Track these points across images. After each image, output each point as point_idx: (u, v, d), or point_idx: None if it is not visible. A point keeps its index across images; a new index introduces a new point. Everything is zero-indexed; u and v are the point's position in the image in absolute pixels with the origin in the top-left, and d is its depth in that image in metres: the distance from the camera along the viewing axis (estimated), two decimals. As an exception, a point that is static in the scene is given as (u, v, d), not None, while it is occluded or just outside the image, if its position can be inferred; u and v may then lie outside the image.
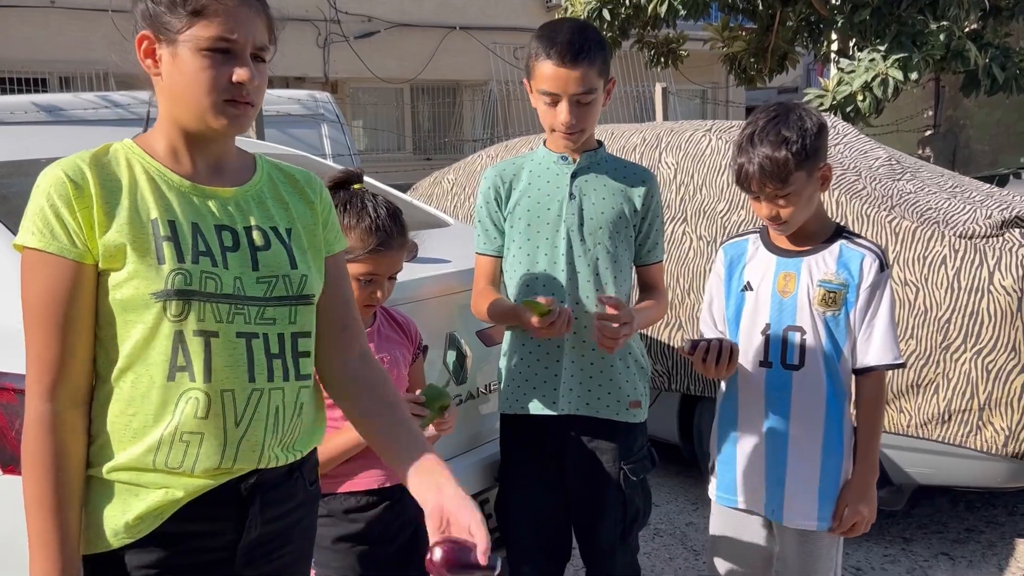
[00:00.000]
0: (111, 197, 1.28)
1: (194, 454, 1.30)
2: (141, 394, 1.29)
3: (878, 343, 2.02)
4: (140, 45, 1.32)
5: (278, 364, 1.36)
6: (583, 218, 2.14)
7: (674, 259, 3.55)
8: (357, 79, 12.67)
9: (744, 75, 9.37)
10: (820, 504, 2.06)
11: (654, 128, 3.94)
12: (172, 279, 1.27)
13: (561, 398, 2.16)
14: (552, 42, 2.00)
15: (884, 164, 3.54)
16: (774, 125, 1.95)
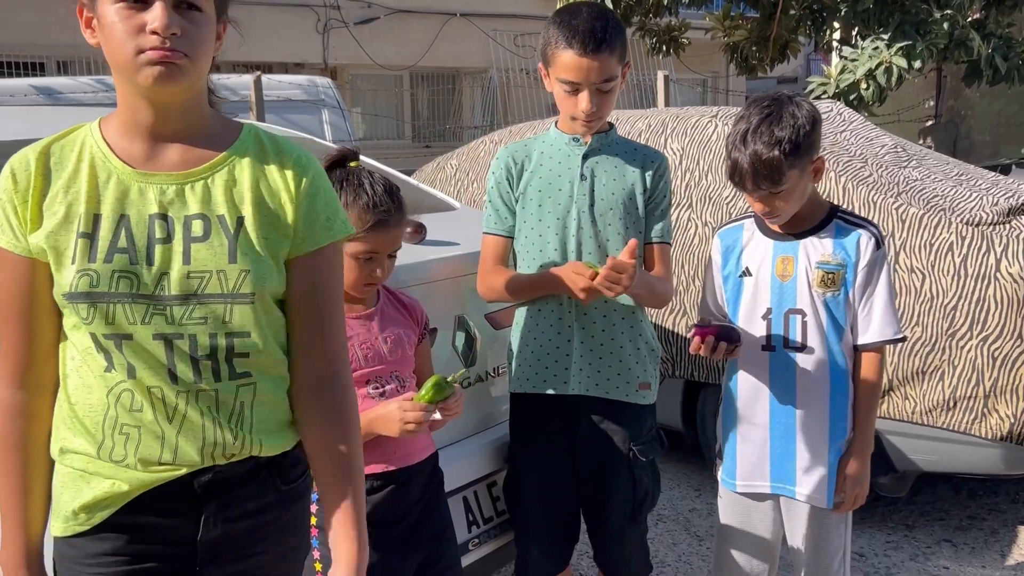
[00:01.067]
0: (48, 190, 1.25)
1: (133, 447, 1.26)
2: (85, 384, 1.26)
3: (878, 319, 2.05)
4: (81, 15, 1.26)
5: (207, 365, 1.27)
6: (594, 198, 2.13)
7: (679, 245, 3.55)
8: (356, 65, 12.63)
9: (745, 64, 9.35)
10: (830, 481, 2.08)
11: (660, 114, 3.93)
12: (77, 281, 1.22)
13: (572, 378, 2.16)
14: (573, 30, 1.99)
15: (890, 151, 3.53)
16: (767, 125, 1.94)
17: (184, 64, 1.20)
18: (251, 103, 6.31)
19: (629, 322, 2.18)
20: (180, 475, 1.28)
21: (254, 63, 10.88)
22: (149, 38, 1.18)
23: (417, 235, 2.33)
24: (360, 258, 1.81)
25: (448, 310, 2.31)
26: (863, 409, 2.09)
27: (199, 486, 1.29)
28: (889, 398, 3.04)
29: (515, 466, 2.30)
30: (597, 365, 2.17)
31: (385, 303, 1.94)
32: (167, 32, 1.18)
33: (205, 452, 1.28)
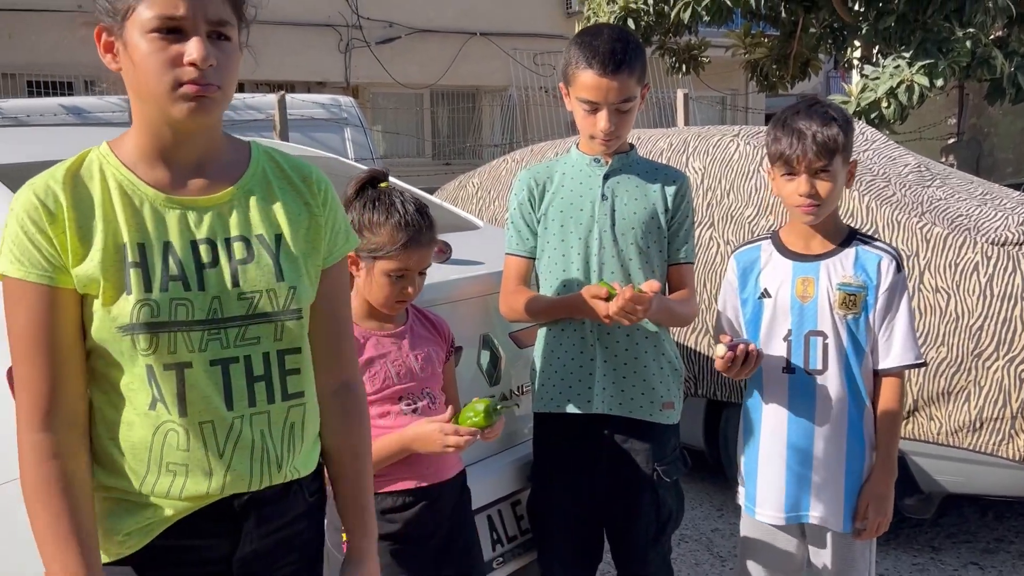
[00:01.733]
0: (85, 221, 1.21)
1: (180, 484, 1.25)
2: (126, 422, 1.24)
3: (899, 343, 2.04)
4: (99, 39, 1.24)
5: (261, 387, 1.28)
6: (615, 218, 2.15)
7: (701, 264, 3.55)
8: (378, 84, 12.74)
9: (766, 81, 9.37)
10: (847, 505, 2.07)
11: (681, 133, 3.94)
12: (138, 312, 1.19)
13: (595, 397, 2.17)
14: (594, 51, 2.02)
15: (913, 170, 3.52)
16: (820, 107, 2.00)
17: (217, 96, 1.22)
18: (275, 122, 6.38)
19: (652, 341, 2.19)
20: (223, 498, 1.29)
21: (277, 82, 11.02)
22: (187, 70, 1.18)
23: (442, 254, 2.35)
24: (392, 275, 1.83)
25: (473, 329, 2.32)
26: (885, 435, 2.08)
27: (238, 506, 1.30)
28: (914, 419, 3.02)
29: (539, 485, 2.30)
30: (620, 384, 2.17)
31: (414, 321, 1.96)
32: (206, 64, 1.18)
33: (252, 483, 1.29)
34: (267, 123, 6.60)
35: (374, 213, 1.84)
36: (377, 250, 1.82)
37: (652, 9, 8.23)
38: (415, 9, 12.72)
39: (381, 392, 1.86)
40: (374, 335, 1.88)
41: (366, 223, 1.84)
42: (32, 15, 10.16)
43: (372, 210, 1.84)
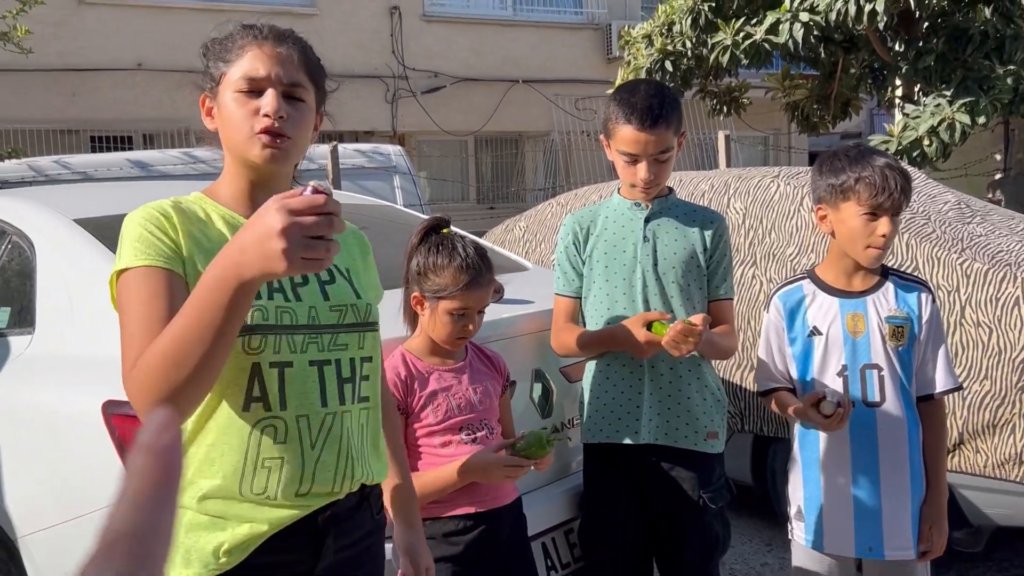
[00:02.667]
0: (192, 236, 1.36)
1: (276, 479, 1.36)
2: (219, 425, 1.35)
3: (942, 370, 2.13)
4: (203, 106, 1.46)
5: (348, 388, 1.44)
6: (657, 258, 2.26)
7: (745, 302, 3.63)
8: (423, 132, 13.04)
9: (807, 122, 9.43)
10: (914, 532, 2.13)
11: (722, 175, 4.05)
12: (251, 315, 1.32)
13: (642, 427, 2.26)
14: (632, 108, 2.15)
15: (953, 207, 3.58)
16: (878, 152, 2.09)
17: (287, 145, 1.40)
18: (327, 171, 6.62)
19: (695, 373, 2.28)
20: (309, 513, 1.40)
21: (327, 132, 11.34)
22: (262, 120, 1.37)
23: (496, 295, 2.48)
24: (454, 314, 1.96)
25: (525, 364, 2.44)
26: (935, 458, 2.14)
27: (321, 520, 1.42)
28: (960, 452, 3.05)
29: (589, 514, 2.39)
30: (666, 415, 2.26)
31: (473, 357, 2.09)
32: (276, 115, 1.37)
33: (337, 479, 1.42)
34: (319, 173, 6.84)
35: (438, 257, 1.98)
36: (441, 291, 1.96)
37: (691, 53, 8.38)
38: (458, 59, 13.05)
39: (443, 423, 1.98)
40: (437, 370, 2.01)
41: (430, 266, 1.98)
42: (93, 74, 10.65)
43: (436, 254, 1.98)
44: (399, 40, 12.57)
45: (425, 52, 12.77)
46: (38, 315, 2.26)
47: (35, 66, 9.29)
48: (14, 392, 2.21)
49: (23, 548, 2.11)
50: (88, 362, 2.04)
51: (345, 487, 1.44)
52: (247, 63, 1.39)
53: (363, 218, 3.30)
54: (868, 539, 2.13)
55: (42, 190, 3.36)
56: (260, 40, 1.42)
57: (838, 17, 6.75)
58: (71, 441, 2.02)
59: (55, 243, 2.34)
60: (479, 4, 13.47)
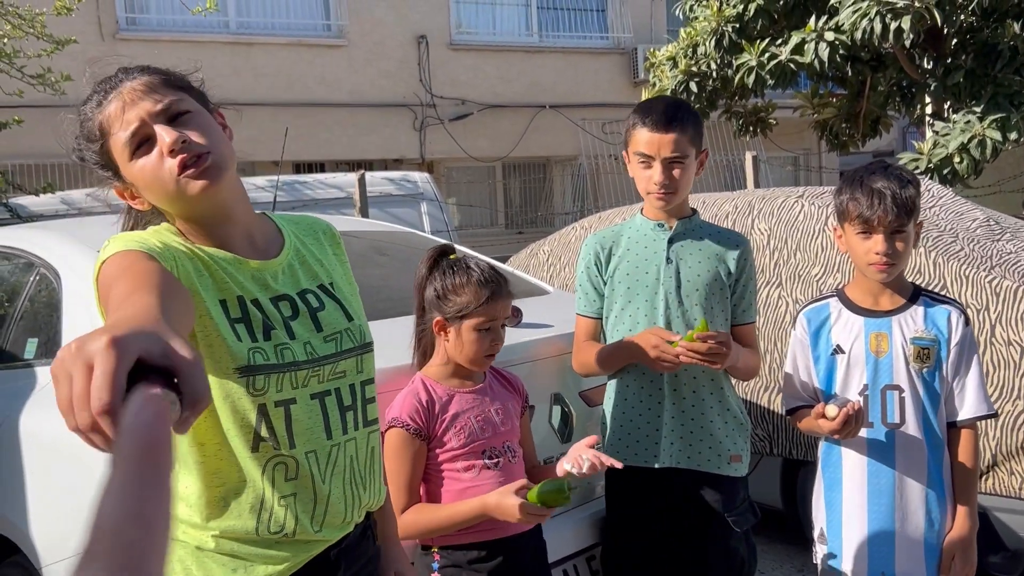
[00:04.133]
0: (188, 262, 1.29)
1: (292, 516, 1.34)
2: (227, 466, 1.32)
3: (972, 395, 2.08)
4: (123, 196, 1.36)
5: (350, 416, 1.42)
6: (680, 280, 2.25)
7: (771, 322, 3.60)
8: (451, 159, 13.14)
9: (836, 141, 9.36)
10: (927, 558, 2.07)
11: (746, 196, 4.03)
12: (252, 356, 1.29)
13: (663, 452, 2.24)
14: (648, 111, 2.19)
15: (982, 225, 3.53)
16: (894, 170, 2.06)
17: (212, 160, 1.28)
18: (355, 199, 6.68)
19: (717, 396, 2.26)
20: (324, 549, 1.39)
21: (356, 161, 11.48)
22: (169, 160, 1.27)
23: (514, 318, 2.48)
24: (481, 329, 1.97)
25: (545, 388, 2.44)
26: (964, 484, 2.10)
27: (334, 555, 1.42)
28: (994, 473, 2.98)
29: (612, 540, 2.36)
30: (688, 439, 2.24)
31: (491, 379, 2.09)
32: (178, 143, 1.26)
33: (347, 510, 1.42)
34: (347, 200, 6.91)
35: (454, 278, 1.99)
36: (464, 308, 1.96)
37: (716, 74, 8.37)
38: (485, 86, 13.16)
39: (466, 447, 1.98)
40: (458, 392, 2.02)
41: (449, 288, 1.99)
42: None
43: (452, 276, 2.00)
44: (426, 68, 12.71)
45: (452, 80, 12.90)
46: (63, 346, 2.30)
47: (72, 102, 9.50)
48: (40, 422, 2.24)
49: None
50: (111, 391, 2.07)
51: (355, 517, 1.45)
52: (117, 121, 1.28)
53: (388, 245, 3.33)
54: (881, 563, 2.10)
55: (69, 222, 3.43)
56: (112, 90, 1.31)
57: (864, 36, 6.70)
58: (95, 471, 2.04)
59: (80, 275, 2.38)
60: (505, 31, 13.59)
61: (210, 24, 11.32)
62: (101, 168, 1.33)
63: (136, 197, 1.35)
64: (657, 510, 2.27)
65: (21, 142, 7.62)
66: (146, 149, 1.29)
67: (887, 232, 2.02)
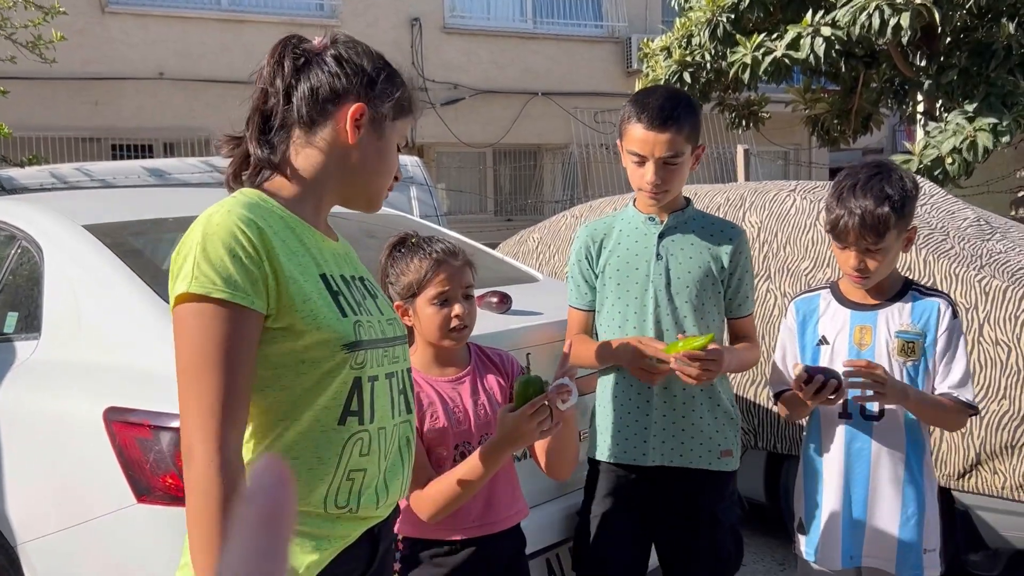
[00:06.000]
0: (282, 247, 1.30)
1: (358, 491, 1.37)
2: (312, 439, 1.32)
3: (957, 377, 2.07)
4: (354, 113, 1.37)
5: (402, 399, 1.47)
6: (670, 278, 2.20)
7: (759, 317, 3.59)
8: (442, 144, 13.07)
9: (827, 136, 9.36)
10: (901, 549, 2.08)
11: (738, 188, 4.01)
12: (356, 330, 1.34)
13: (651, 450, 2.21)
14: (643, 106, 2.11)
15: (972, 224, 3.53)
16: (878, 181, 2.02)
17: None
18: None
19: (707, 393, 2.23)
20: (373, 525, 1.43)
21: (346, 142, 11.37)
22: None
23: (503, 305, 2.46)
24: (434, 303, 1.92)
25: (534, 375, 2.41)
26: (928, 398, 2.06)
27: (376, 529, 1.45)
28: (978, 472, 2.99)
29: (586, 531, 2.29)
30: (679, 436, 2.21)
31: (476, 363, 2.04)
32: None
33: (403, 486, 1.47)
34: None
35: (402, 259, 1.96)
36: (411, 286, 1.93)
37: (710, 65, 8.33)
38: (478, 71, 13.08)
39: (439, 438, 1.92)
40: (434, 380, 1.97)
41: (398, 272, 1.96)
42: (116, 83, 10.75)
43: (400, 257, 1.97)
44: (419, 52, 12.62)
45: (445, 64, 12.82)
46: (44, 321, 2.26)
47: (59, 75, 9.39)
48: (18, 397, 2.21)
49: (23, 555, 2.10)
50: (92, 368, 2.04)
51: (403, 494, 1.51)
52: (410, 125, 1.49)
53: (377, 228, 3.29)
54: (850, 549, 2.13)
55: (53, 196, 3.38)
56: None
57: (861, 31, 6.68)
58: (72, 448, 2.01)
59: (63, 249, 2.34)
60: (499, 16, 13.51)
61: (202, 0, 11.21)
62: (378, 103, 1.41)
63: (358, 127, 1.40)
64: (641, 505, 2.25)
65: (7, 114, 7.52)
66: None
67: (859, 249, 2.02)
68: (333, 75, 1.38)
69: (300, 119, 1.39)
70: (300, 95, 1.38)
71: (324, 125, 1.39)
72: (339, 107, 1.39)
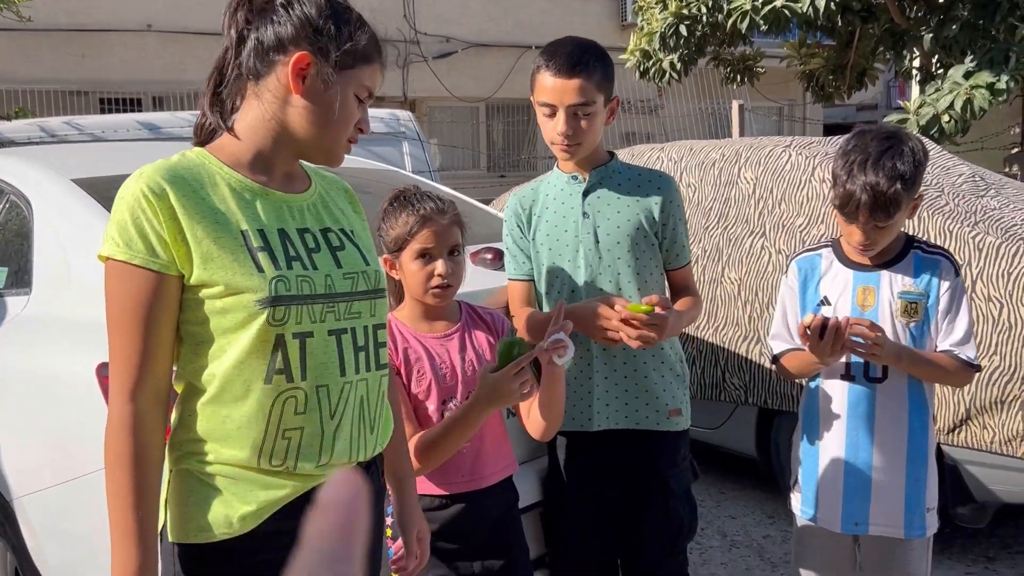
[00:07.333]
0: (196, 210, 1.30)
1: (295, 449, 1.35)
2: (236, 397, 1.32)
3: (960, 334, 2.04)
4: (297, 62, 1.34)
5: (362, 356, 1.43)
6: (598, 236, 2.13)
7: (753, 273, 3.59)
8: (434, 98, 12.94)
9: (821, 92, 9.29)
10: (907, 512, 2.07)
11: (733, 144, 3.98)
12: (274, 286, 1.31)
13: (596, 414, 2.16)
14: (552, 55, 2.03)
15: (967, 180, 3.52)
16: (890, 156, 1.94)
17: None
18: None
19: (651, 351, 2.15)
20: (323, 480, 1.38)
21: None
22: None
23: (497, 261, 2.44)
24: (419, 259, 1.91)
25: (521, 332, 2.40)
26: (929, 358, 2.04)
27: None
28: (967, 427, 3.02)
29: (552, 500, 2.27)
30: (624, 398, 2.16)
31: (467, 320, 2.03)
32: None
33: (353, 449, 1.42)
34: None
35: (392, 213, 1.94)
36: (398, 239, 1.91)
37: (706, 18, 8.23)
38: (471, 24, 12.91)
39: (426, 393, 1.92)
40: (422, 336, 1.96)
41: (388, 226, 1.94)
42: (102, 35, 10.58)
43: (391, 211, 1.95)
44: (411, 4, 12.43)
45: (437, 16, 12.64)
46: (35, 275, 2.24)
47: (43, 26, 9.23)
48: (10, 353, 2.20)
49: (19, 509, 2.10)
50: (83, 323, 2.02)
51: (360, 456, 1.45)
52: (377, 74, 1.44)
53: (370, 183, 3.26)
54: (855, 515, 2.10)
55: (42, 150, 3.33)
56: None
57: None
58: (66, 403, 2.01)
59: (52, 203, 2.32)
60: (492, -32, 13.29)
61: (189, -50, 10.99)
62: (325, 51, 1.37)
63: (304, 77, 1.37)
64: (593, 473, 2.19)
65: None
66: (362, 106, 1.44)
67: (864, 226, 1.98)
68: (278, 23, 1.35)
69: (248, 71, 1.37)
70: (249, 46, 1.36)
71: (270, 76, 1.37)
72: (285, 56, 1.35)
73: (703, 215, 3.86)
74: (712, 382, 3.69)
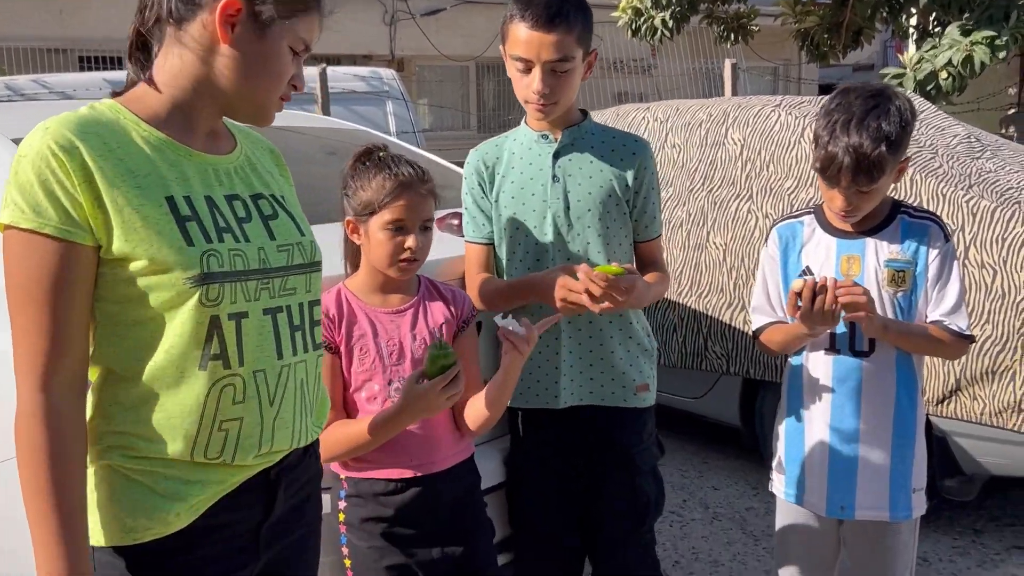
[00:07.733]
0: (114, 172, 1.15)
1: (233, 442, 1.24)
2: (167, 385, 1.19)
3: (950, 303, 1.93)
4: (225, 7, 1.20)
5: (299, 336, 1.31)
6: (569, 201, 2.00)
7: (739, 238, 3.47)
8: (423, 57, 12.71)
9: (816, 51, 9.10)
10: (892, 494, 1.97)
11: (721, 104, 3.84)
12: (206, 262, 1.18)
13: (563, 390, 2.06)
14: (528, 3, 1.87)
15: (963, 142, 3.39)
16: (875, 116, 1.82)
17: None
18: (317, 96, 6.38)
19: (617, 324, 2.07)
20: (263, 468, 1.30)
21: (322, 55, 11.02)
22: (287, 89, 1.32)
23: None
24: (389, 228, 1.77)
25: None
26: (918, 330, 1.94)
27: (274, 474, 1.32)
28: (957, 398, 2.92)
29: (514, 480, 2.18)
30: (589, 373, 2.06)
31: (425, 295, 1.90)
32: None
33: (295, 435, 1.32)
34: (309, 97, 6.60)
35: (365, 173, 1.80)
36: (369, 204, 1.77)
37: (701, -24, 8.03)
38: (460, -20, 12.64)
39: (370, 372, 1.80)
40: (373, 310, 1.83)
41: (357, 186, 1.80)
42: (82, -9, 10.32)
43: (363, 171, 1.80)
44: (398, -41, 12.16)
45: (425, -27, 12.37)
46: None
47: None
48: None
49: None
50: None
51: (301, 443, 1.35)
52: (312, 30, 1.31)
53: (335, 144, 3.12)
54: (841, 498, 2.00)
55: (-9, 108, 3.18)
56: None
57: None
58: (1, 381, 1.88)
59: (-9, 164, 2.18)
60: (482, -78, 12.98)
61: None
62: None
63: (233, 26, 1.23)
64: (559, 451, 2.09)
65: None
66: (296, 59, 1.30)
67: (847, 191, 1.86)
68: None
69: (169, 14, 1.22)
70: None
71: (194, 21, 1.21)
72: (210, 1, 1.20)
73: (688, 177, 3.73)
74: (693, 351, 3.58)
